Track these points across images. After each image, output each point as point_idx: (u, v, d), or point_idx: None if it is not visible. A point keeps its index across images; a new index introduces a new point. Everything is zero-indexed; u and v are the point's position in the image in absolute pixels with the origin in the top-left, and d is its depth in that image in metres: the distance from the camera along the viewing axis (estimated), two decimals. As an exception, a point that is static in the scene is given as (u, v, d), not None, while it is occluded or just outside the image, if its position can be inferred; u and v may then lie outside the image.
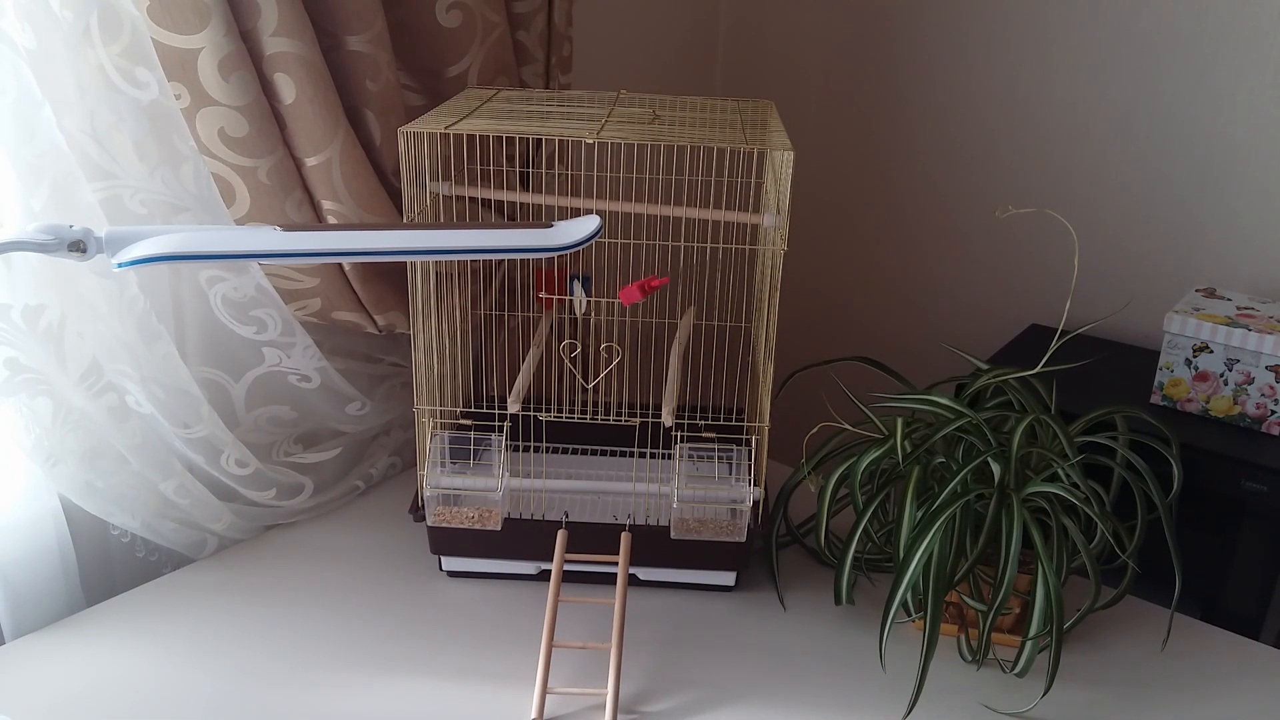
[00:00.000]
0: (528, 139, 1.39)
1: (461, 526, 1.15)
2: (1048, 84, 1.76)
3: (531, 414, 1.27)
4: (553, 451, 1.35)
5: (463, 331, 1.32)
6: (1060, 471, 1.03)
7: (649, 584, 1.20)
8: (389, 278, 1.27)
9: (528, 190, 1.41)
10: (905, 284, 2.03)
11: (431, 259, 0.90)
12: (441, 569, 1.21)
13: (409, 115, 1.28)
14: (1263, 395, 1.45)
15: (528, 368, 1.22)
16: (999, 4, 1.78)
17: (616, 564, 1.10)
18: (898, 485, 1.08)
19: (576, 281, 1.28)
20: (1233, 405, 1.48)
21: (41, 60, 0.97)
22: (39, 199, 0.97)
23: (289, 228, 0.78)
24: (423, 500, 1.16)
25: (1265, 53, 1.56)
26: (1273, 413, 1.45)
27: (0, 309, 0.97)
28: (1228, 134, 1.62)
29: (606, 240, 1.20)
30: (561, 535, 1.11)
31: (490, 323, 1.43)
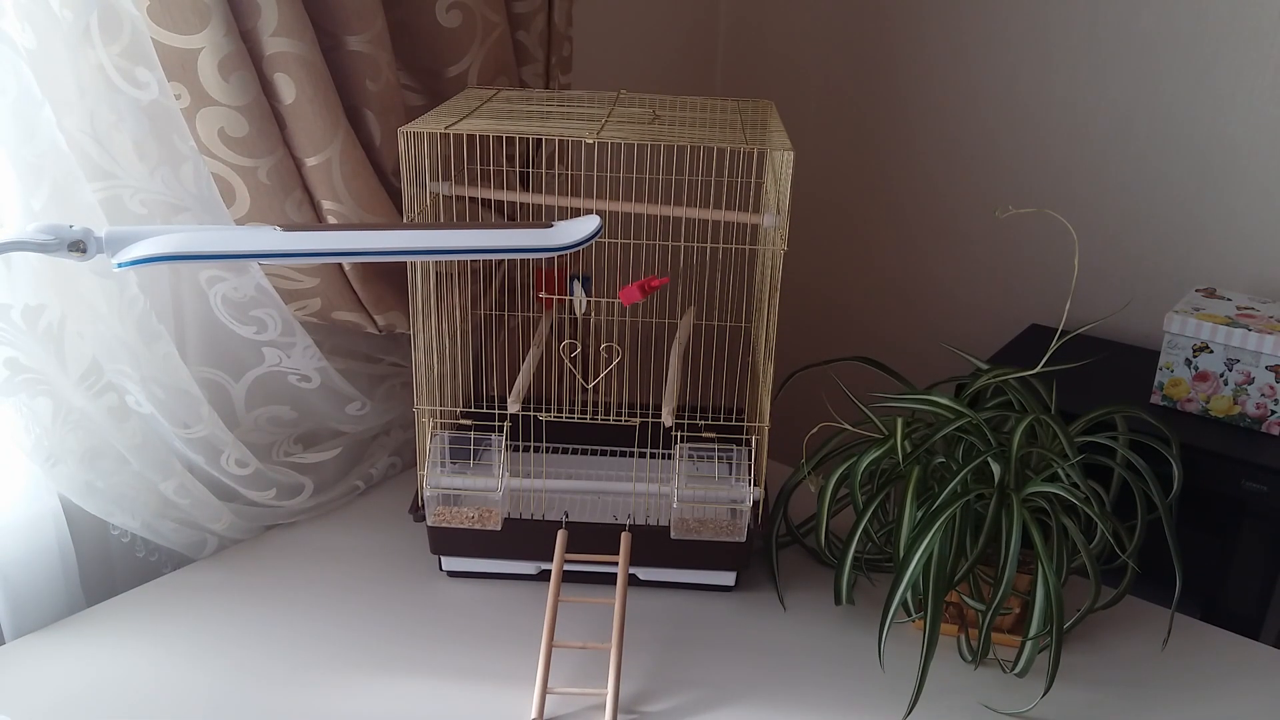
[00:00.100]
0: (528, 139, 1.39)
1: (461, 526, 1.15)
2: (1047, 84, 1.76)
3: (531, 414, 1.27)
4: (553, 451, 1.35)
5: (463, 331, 1.32)
6: (1060, 471, 1.03)
7: (649, 584, 1.20)
8: (389, 278, 1.27)
9: (528, 190, 1.41)
10: (905, 284, 2.03)
11: (431, 259, 0.90)
12: (441, 569, 1.21)
13: (409, 115, 1.27)
14: (1263, 395, 1.45)
15: (528, 368, 1.22)
16: (999, 4, 1.78)
17: (616, 564, 1.10)
18: (898, 485, 1.08)
19: (576, 281, 1.28)
20: (1233, 405, 1.47)
21: (41, 60, 0.97)
22: (39, 199, 0.97)
23: (289, 228, 0.78)
24: (423, 500, 1.16)
25: (1265, 53, 1.56)
26: (1273, 413, 1.45)
27: (0, 309, 0.97)
28: (1228, 134, 1.62)
29: (606, 240, 1.19)
30: (561, 535, 1.11)
31: (490, 323, 1.43)
